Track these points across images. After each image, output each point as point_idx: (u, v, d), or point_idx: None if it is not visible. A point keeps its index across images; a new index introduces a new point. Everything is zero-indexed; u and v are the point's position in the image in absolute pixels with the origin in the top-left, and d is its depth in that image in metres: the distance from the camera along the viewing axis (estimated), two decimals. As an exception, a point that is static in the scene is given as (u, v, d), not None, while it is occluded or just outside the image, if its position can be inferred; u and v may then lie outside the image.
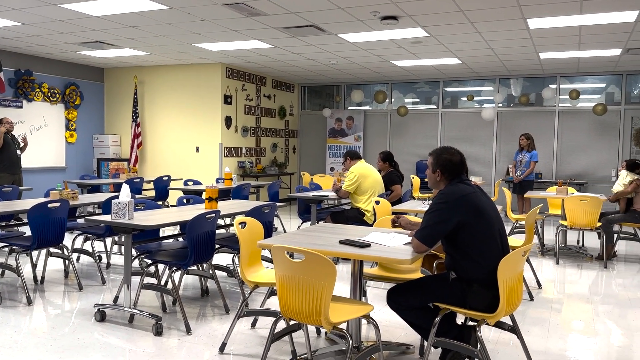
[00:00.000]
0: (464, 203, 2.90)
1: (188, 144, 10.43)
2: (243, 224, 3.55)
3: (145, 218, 3.94)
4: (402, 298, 3.04)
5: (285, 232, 8.04)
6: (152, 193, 8.29)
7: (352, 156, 6.31)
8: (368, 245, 3.03)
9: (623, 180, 6.54)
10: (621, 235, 6.80)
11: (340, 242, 3.11)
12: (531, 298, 4.79)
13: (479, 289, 2.83)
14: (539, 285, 5.24)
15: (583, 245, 7.41)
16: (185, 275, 5.10)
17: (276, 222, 8.72)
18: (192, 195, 5.37)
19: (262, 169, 11.35)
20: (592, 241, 7.69)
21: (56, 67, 10.05)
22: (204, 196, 4.71)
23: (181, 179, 8.99)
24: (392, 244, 3.10)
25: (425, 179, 9.27)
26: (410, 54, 8.71)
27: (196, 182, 7.96)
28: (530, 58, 8.95)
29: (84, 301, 4.50)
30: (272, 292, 3.84)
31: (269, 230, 4.58)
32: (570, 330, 3.99)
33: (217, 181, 8.35)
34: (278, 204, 5.15)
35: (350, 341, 2.69)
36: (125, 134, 10.99)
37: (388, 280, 3.64)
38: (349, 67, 10.17)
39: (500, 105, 11.20)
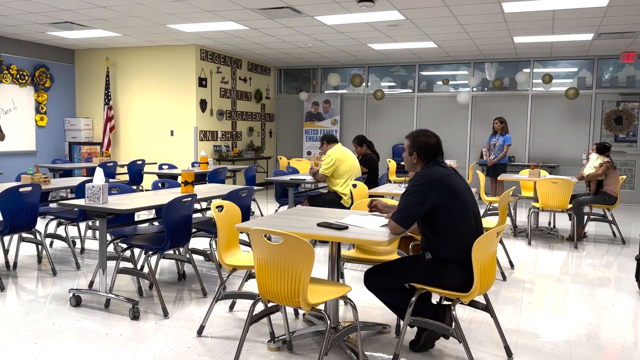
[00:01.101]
0: (440, 185, 2.94)
1: (162, 127, 10.29)
2: (220, 207, 3.54)
3: (120, 202, 3.89)
4: (379, 279, 3.08)
5: (262, 216, 8.04)
6: (126, 177, 8.18)
7: (329, 140, 6.31)
8: (346, 228, 3.05)
9: (594, 162, 6.69)
10: (591, 217, 6.98)
11: (318, 224, 3.13)
12: (504, 278, 4.90)
13: (453, 269, 2.89)
14: (512, 265, 5.36)
15: (554, 226, 7.59)
16: (161, 259, 5.07)
17: (253, 206, 8.71)
18: (167, 179, 5.31)
19: (239, 153, 11.27)
20: (563, 222, 7.89)
21: (25, 48, 9.76)
22: (179, 180, 4.67)
23: (155, 163, 8.88)
24: (369, 226, 3.13)
25: (401, 163, 9.45)
26: (386, 37, 8.71)
27: (171, 166, 7.88)
28: (505, 42, 9.04)
29: (59, 286, 4.44)
30: (249, 275, 3.85)
31: (246, 214, 4.57)
32: (541, 309, 4.10)
33: (192, 165, 8.27)
34: (255, 188, 5.14)
35: (329, 322, 2.72)
36: (98, 117, 10.78)
37: (365, 262, 3.68)
38: (325, 50, 10.12)
39: (474, 89, 11.30)
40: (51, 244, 5.91)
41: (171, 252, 4.54)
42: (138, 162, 8.18)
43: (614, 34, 8.12)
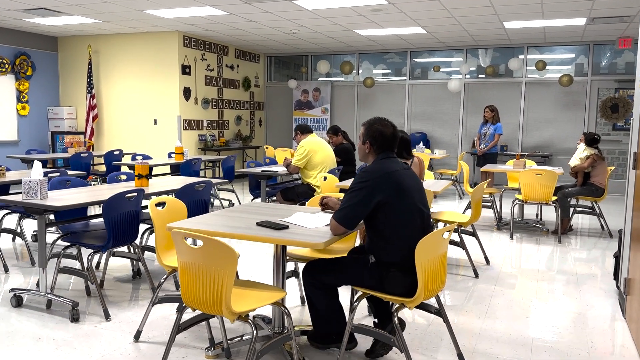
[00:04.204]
0: (387, 181, 2.71)
1: (145, 116, 10.06)
2: (162, 204, 3.32)
3: (61, 197, 3.68)
4: (318, 274, 2.86)
5: (240, 207, 7.82)
6: (103, 168, 7.98)
7: (303, 130, 6.08)
8: (286, 227, 2.83)
9: (580, 154, 6.41)
10: (577, 209, 6.71)
11: (258, 223, 2.91)
12: (476, 275, 4.67)
13: (396, 274, 2.66)
14: (487, 261, 5.12)
15: (541, 219, 7.33)
16: (116, 257, 4.87)
17: (233, 197, 8.52)
18: (126, 172, 5.09)
19: (225, 142, 11.04)
20: (551, 214, 7.61)
21: (4, 36, 9.54)
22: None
23: (135, 153, 8.65)
24: (312, 225, 2.91)
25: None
26: (372, 22, 8.41)
27: (146, 157, 7.66)
28: (495, 27, 8.71)
29: (9, 285, 4.25)
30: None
31: (204, 209, 4.36)
32: (510, 311, 3.86)
33: (169, 155, 8.05)
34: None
35: (255, 331, 2.50)
36: (81, 106, 10.57)
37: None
38: (312, 36, 9.83)
39: (467, 76, 10.99)
40: (13, 238, 5.72)
41: (123, 249, 4.34)
42: (115, 152, 7.98)
43: (607, 18, 7.78)
